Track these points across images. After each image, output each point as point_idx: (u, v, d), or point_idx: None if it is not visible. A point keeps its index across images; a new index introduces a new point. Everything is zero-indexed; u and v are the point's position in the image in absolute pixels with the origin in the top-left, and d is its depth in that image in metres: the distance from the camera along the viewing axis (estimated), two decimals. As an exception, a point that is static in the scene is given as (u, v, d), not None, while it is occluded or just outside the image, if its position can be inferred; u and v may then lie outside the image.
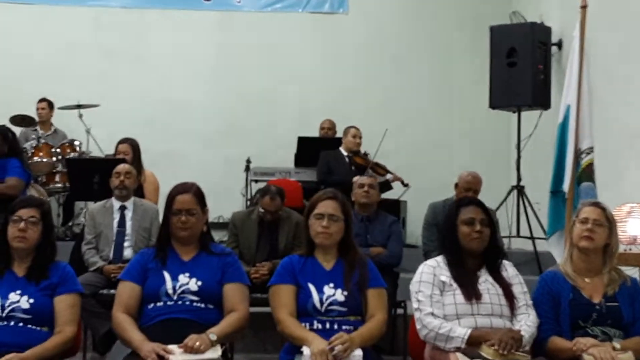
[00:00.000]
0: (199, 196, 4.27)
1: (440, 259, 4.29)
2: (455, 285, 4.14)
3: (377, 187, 6.90)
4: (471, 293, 4.10)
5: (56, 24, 10.93)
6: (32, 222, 4.05)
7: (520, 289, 4.23)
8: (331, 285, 4.13)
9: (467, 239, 4.20)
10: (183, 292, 4.10)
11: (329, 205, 4.21)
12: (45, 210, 4.13)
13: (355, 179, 6.97)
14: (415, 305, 4.17)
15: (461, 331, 4.00)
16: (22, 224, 4.03)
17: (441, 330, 4.02)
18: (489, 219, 4.28)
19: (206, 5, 11.21)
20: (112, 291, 5.54)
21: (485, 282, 4.18)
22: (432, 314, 4.08)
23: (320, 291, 4.11)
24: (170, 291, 4.09)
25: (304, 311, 4.11)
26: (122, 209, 6.56)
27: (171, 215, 4.19)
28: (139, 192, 7.12)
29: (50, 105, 9.91)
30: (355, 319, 4.11)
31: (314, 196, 4.34)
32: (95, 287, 6.04)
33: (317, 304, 4.09)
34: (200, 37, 11.15)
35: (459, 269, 4.19)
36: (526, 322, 4.09)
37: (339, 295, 4.11)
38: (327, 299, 4.09)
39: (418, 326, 4.13)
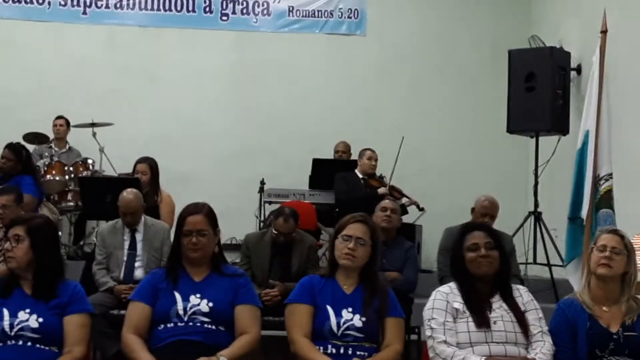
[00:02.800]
0: (211, 217, 4.23)
1: (453, 285, 4.23)
2: (468, 312, 4.08)
3: (399, 212, 6.90)
4: (483, 320, 4.04)
5: (72, 41, 10.95)
6: (17, 240, 3.99)
7: (535, 316, 4.15)
8: (350, 309, 4.10)
9: (474, 265, 4.15)
10: (194, 313, 4.06)
11: (358, 229, 4.18)
12: (33, 226, 4.05)
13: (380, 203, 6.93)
14: (428, 332, 4.11)
15: (475, 359, 3.93)
16: (7, 244, 4.01)
17: (455, 358, 3.96)
18: (496, 242, 4.21)
19: (223, 25, 11.20)
20: (122, 312, 5.48)
21: (500, 309, 4.11)
22: (445, 341, 4.01)
23: (338, 314, 4.08)
24: (181, 312, 4.06)
25: (320, 333, 4.07)
26: (133, 230, 6.52)
27: (182, 236, 4.16)
28: (155, 213, 7.09)
29: (67, 123, 9.92)
30: (370, 346, 4.07)
31: (344, 217, 4.31)
32: (105, 307, 6.02)
33: (334, 328, 4.05)
34: (217, 57, 11.14)
35: (471, 295, 4.14)
36: (541, 350, 4.02)
37: (357, 320, 4.07)
38: (344, 323, 4.06)
39: (431, 354, 4.07)
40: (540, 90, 8.73)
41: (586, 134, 6.26)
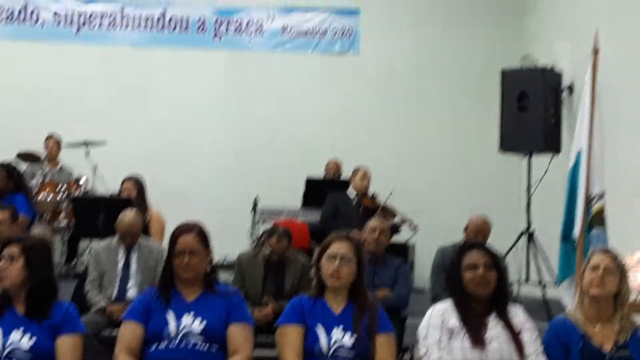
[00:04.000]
0: (203, 236, 4.22)
1: (449, 303, 4.22)
2: (463, 330, 4.06)
3: (388, 232, 6.86)
4: (479, 339, 4.03)
5: (65, 61, 10.97)
6: (11, 259, 3.99)
7: (530, 336, 4.14)
8: (340, 328, 4.09)
9: (472, 284, 4.14)
10: (187, 332, 4.04)
11: (342, 247, 4.18)
12: (28, 245, 4.05)
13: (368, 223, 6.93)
14: (422, 350, 4.11)
15: (469, 378, 3.93)
16: (0, 263, 3.99)
17: (449, 377, 3.94)
18: (494, 261, 4.21)
19: (216, 44, 11.24)
20: (114, 331, 5.47)
21: (495, 328, 4.10)
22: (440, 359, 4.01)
23: (328, 334, 4.07)
24: (173, 332, 4.04)
25: (311, 354, 4.05)
26: (128, 249, 6.51)
27: (174, 256, 4.15)
28: (144, 231, 7.07)
29: (59, 142, 9.89)
30: (362, 364, 4.05)
31: (328, 237, 4.31)
32: (97, 327, 6.00)
33: (324, 347, 4.04)
34: (210, 76, 11.16)
35: (467, 314, 4.12)
36: (537, 370, 4.01)
37: (348, 339, 4.06)
38: (334, 343, 4.05)
39: (425, 372, 4.05)
40: (532, 110, 8.75)
41: (578, 154, 6.28)
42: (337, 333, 4.07)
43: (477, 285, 4.12)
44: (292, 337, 4.09)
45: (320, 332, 4.08)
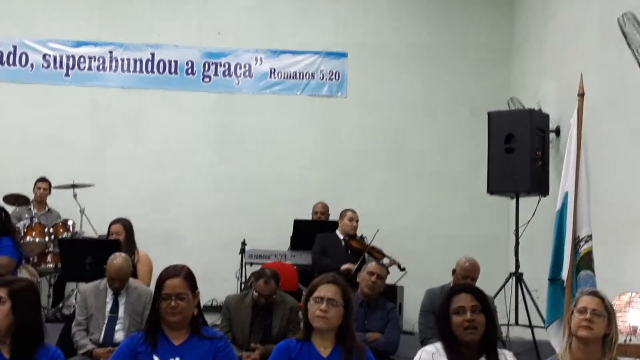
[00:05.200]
0: (190, 279, 4.19)
1: (439, 345, 4.17)
2: (454, 373, 4.03)
3: (385, 278, 6.91)
4: (468, 382, 3.99)
5: (54, 102, 10.97)
6: None
7: (519, 380, 4.12)
8: (327, 372, 4.03)
9: (460, 330, 4.07)
10: (173, 377, 3.99)
11: (329, 290, 4.14)
12: (15, 289, 3.98)
13: (367, 264, 7.00)
14: (412, 392, 4.07)
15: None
16: None
17: (438, 420, 3.92)
18: (483, 305, 4.17)
19: (205, 86, 11.28)
20: (100, 375, 5.44)
21: (485, 371, 4.07)
22: (430, 402, 3.96)
23: (315, 379, 4.01)
24: (160, 376, 3.99)
25: (298, 398, 4.00)
26: (116, 292, 6.47)
27: (161, 300, 4.11)
28: (132, 272, 7.04)
29: (50, 185, 9.87)
30: (349, 409, 4.00)
31: (315, 279, 4.28)
32: (84, 371, 5.94)
33: (311, 391, 3.98)
34: (198, 118, 11.19)
35: (457, 357, 4.08)
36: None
37: (335, 383, 4.00)
38: (322, 387, 3.99)
39: (415, 414, 4.02)
40: (519, 152, 8.77)
41: (565, 196, 6.29)
42: (323, 377, 4.02)
43: (465, 330, 4.07)
44: (279, 382, 4.05)
45: (307, 376, 4.03)
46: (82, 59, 11.12)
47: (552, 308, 6.33)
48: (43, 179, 9.86)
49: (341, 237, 8.97)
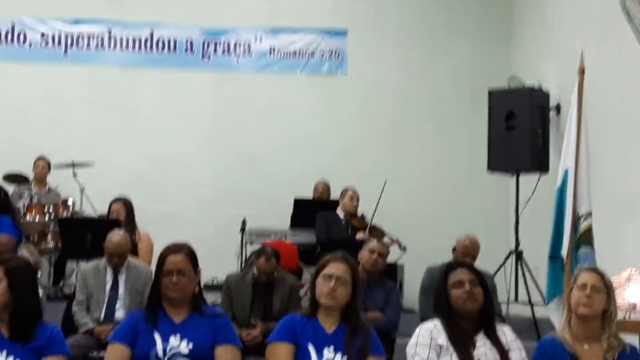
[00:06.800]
0: (191, 256, 4.21)
1: (437, 321, 4.21)
2: (451, 349, 4.05)
3: (386, 256, 6.90)
4: (467, 357, 4.02)
5: (53, 82, 10.95)
6: None
7: (518, 355, 4.13)
8: (331, 348, 4.06)
9: (460, 302, 4.13)
10: (174, 354, 4.02)
11: (339, 268, 4.16)
12: (11, 267, 4.00)
13: (368, 242, 6.94)
14: (411, 368, 4.09)
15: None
16: None
17: (437, 395, 3.94)
18: (479, 279, 4.21)
19: (204, 65, 11.26)
20: (102, 353, 5.44)
21: (483, 347, 4.09)
22: (428, 377, 3.99)
23: (319, 353, 4.05)
24: (160, 354, 4.01)
25: (302, 372, 4.03)
26: (116, 271, 6.47)
27: (162, 276, 4.12)
28: (133, 251, 7.05)
29: (48, 164, 9.87)
30: (351, 386, 4.04)
31: (325, 256, 4.29)
32: (85, 349, 5.97)
33: (316, 366, 4.02)
34: (198, 97, 11.17)
35: (455, 332, 4.11)
36: (524, 390, 4.00)
37: (339, 359, 4.03)
38: (326, 362, 4.03)
39: (414, 391, 4.04)
40: (520, 130, 8.78)
41: (565, 173, 6.27)
42: (328, 353, 4.04)
43: (465, 301, 4.12)
44: (282, 355, 4.07)
45: (312, 351, 4.05)
46: (80, 38, 11.10)
47: (552, 285, 6.34)
48: (41, 157, 9.86)
49: (342, 215, 8.97)
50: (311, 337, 4.10)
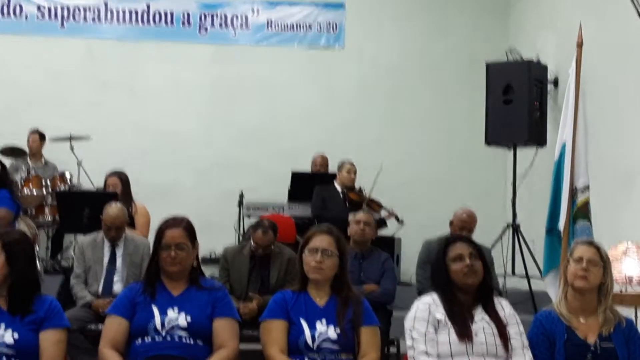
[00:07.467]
0: (190, 230, 4.21)
1: (435, 295, 4.21)
2: (449, 323, 4.06)
3: (373, 224, 6.86)
4: (465, 331, 4.03)
5: (49, 54, 10.88)
6: None
7: (517, 329, 4.15)
8: (323, 321, 4.08)
9: (460, 275, 4.13)
10: (172, 327, 4.04)
11: (324, 240, 4.17)
12: (9, 241, 4.00)
13: (352, 215, 6.91)
14: (409, 342, 4.10)
15: (454, 371, 3.93)
16: None
17: (435, 370, 3.95)
18: (479, 252, 4.22)
19: (201, 38, 11.20)
20: (100, 326, 5.45)
21: (481, 321, 4.11)
22: (426, 352, 4.00)
23: (312, 327, 4.06)
24: (158, 326, 4.03)
25: (295, 348, 4.05)
26: (113, 244, 6.48)
27: (160, 250, 4.13)
28: (130, 224, 7.05)
29: (42, 137, 9.82)
30: (347, 357, 4.06)
31: (309, 231, 4.30)
32: (83, 322, 5.99)
33: (309, 341, 4.03)
34: (195, 70, 11.12)
35: (453, 306, 4.12)
36: (522, 364, 4.02)
37: (332, 332, 4.05)
38: (319, 336, 4.04)
39: (411, 365, 4.05)
40: (517, 103, 8.77)
41: (563, 146, 6.27)
42: (320, 326, 4.06)
43: (466, 275, 4.12)
44: (276, 332, 4.08)
45: (304, 325, 4.07)
46: (77, 10, 11.01)
47: (548, 258, 6.35)
48: (34, 131, 9.81)
49: (339, 189, 8.97)
50: (303, 312, 4.12)
